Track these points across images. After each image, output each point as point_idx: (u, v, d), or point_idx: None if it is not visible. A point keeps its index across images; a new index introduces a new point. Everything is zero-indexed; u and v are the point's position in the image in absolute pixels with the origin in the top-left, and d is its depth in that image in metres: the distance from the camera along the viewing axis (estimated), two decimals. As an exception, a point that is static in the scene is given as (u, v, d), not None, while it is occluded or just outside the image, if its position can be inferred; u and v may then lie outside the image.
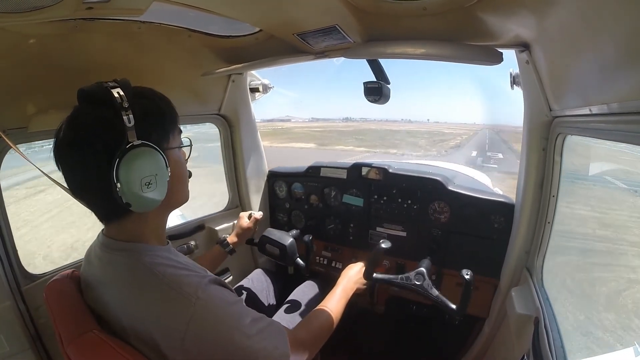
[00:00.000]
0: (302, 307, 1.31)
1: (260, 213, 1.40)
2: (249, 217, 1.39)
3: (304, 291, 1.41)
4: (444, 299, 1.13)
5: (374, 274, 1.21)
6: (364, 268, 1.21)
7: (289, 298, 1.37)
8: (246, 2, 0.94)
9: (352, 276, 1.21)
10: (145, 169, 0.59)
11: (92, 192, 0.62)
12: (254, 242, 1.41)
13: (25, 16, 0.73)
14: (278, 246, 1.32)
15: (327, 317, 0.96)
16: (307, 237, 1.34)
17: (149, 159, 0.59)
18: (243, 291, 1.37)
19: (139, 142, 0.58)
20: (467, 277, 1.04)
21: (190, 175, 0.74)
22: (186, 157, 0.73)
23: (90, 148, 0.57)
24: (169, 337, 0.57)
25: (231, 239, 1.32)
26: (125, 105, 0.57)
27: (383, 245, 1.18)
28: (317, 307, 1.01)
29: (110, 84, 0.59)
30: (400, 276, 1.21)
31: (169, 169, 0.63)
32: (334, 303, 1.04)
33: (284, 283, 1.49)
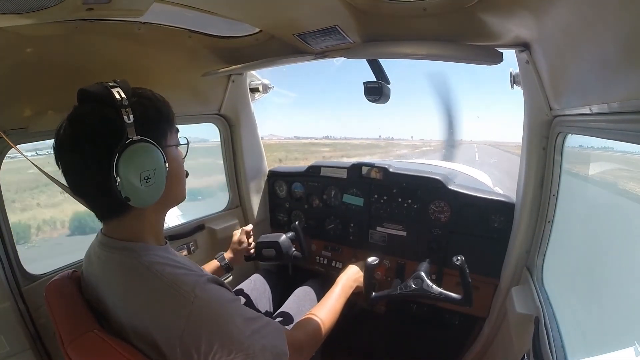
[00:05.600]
0: (301, 308, 1.31)
1: (250, 226, 1.36)
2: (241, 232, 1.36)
3: (304, 291, 1.41)
4: (447, 292, 1.14)
5: (373, 295, 1.23)
6: (362, 288, 1.22)
7: (288, 299, 1.37)
8: (246, 3, 0.94)
9: (352, 275, 1.21)
10: (145, 163, 0.60)
11: (92, 189, 0.63)
12: (252, 257, 1.37)
13: (25, 17, 0.74)
14: (272, 246, 1.31)
15: (325, 316, 0.96)
16: (294, 224, 1.35)
17: (148, 154, 0.61)
18: (243, 294, 1.37)
19: (138, 137, 0.59)
20: (457, 262, 1.05)
21: (187, 174, 0.74)
22: (183, 156, 0.73)
23: (91, 144, 0.59)
24: (167, 335, 0.58)
25: (228, 255, 1.29)
26: (125, 103, 0.58)
27: (371, 262, 1.21)
28: (315, 307, 1.01)
29: (110, 84, 0.61)
30: (398, 287, 1.22)
31: (167, 164, 0.64)
32: (332, 302, 1.04)
33: (284, 285, 1.49)
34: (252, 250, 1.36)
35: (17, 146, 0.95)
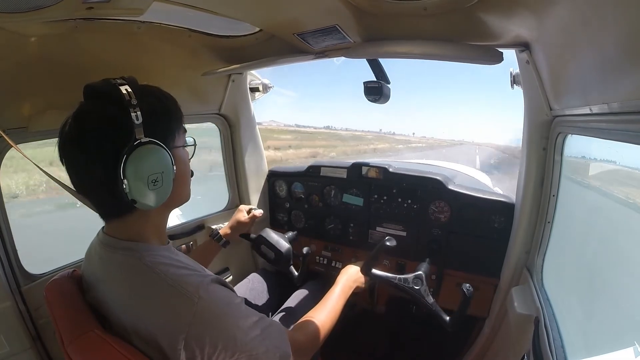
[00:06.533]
0: (302, 308, 1.31)
1: (261, 211, 1.36)
2: (248, 212, 1.35)
3: (304, 291, 1.41)
4: (439, 308, 1.14)
5: (373, 270, 1.20)
6: (364, 263, 1.20)
7: (288, 299, 1.36)
8: (246, 2, 0.94)
9: (352, 275, 1.21)
10: (153, 166, 0.59)
11: (96, 189, 0.61)
12: (249, 238, 1.37)
13: (25, 16, 0.73)
14: (274, 251, 1.30)
15: (325, 317, 0.96)
16: (306, 250, 1.31)
17: (156, 157, 0.59)
18: (242, 293, 1.36)
19: (147, 139, 0.58)
20: (466, 291, 1.04)
21: (192, 174, 0.74)
22: (189, 157, 0.73)
23: (97, 144, 0.57)
24: (170, 336, 0.57)
25: (224, 231, 1.27)
26: (134, 102, 0.57)
27: (388, 243, 1.17)
28: (315, 308, 1.01)
29: (118, 80, 0.59)
30: (398, 277, 1.20)
31: (174, 167, 0.63)
32: (332, 303, 1.04)
33: (283, 284, 1.48)
34: (251, 235, 1.36)
35: (17, 145, 0.95)
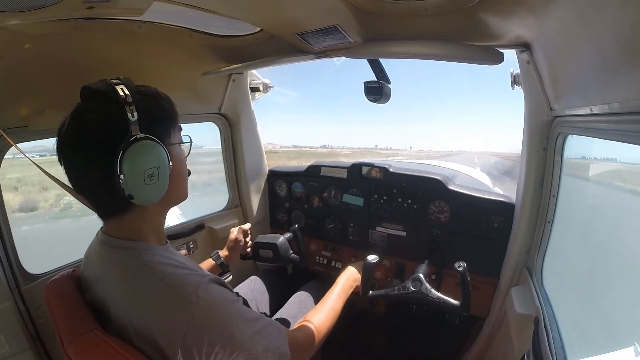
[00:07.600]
0: (301, 308, 1.31)
1: (248, 225, 1.34)
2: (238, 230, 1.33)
3: (304, 292, 1.41)
4: (445, 297, 1.13)
5: (371, 292, 1.21)
6: (360, 285, 1.21)
7: (289, 299, 1.36)
8: (247, 2, 0.94)
9: (351, 275, 1.21)
10: (149, 161, 0.60)
11: (95, 188, 0.62)
12: (249, 257, 1.36)
13: (25, 16, 0.73)
14: (270, 247, 1.30)
15: (325, 316, 0.96)
16: (293, 227, 1.34)
17: (152, 152, 0.60)
18: (242, 295, 1.36)
19: (142, 135, 0.59)
20: (459, 269, 1.05)
21: (189, 173, 0.74)
22: (185, 155, 0.73)
23: (95, 142, 0.58)
24: (169, 335, 0.57)
25: (224, 253, 1.27)
26: (129, 100, 0.58)
27: (370, 260, 1.18)
28: (315, 307, 1.01)
29: (114, 81, 0.60)
30: (396, 287, 1.21)
31: (170, 162, 0.64)
32: (332, 303, 1.04)
33: (283, 285, 1.48)
34: (249, 249, 1.35)
35: (17, 144, 0.95)
